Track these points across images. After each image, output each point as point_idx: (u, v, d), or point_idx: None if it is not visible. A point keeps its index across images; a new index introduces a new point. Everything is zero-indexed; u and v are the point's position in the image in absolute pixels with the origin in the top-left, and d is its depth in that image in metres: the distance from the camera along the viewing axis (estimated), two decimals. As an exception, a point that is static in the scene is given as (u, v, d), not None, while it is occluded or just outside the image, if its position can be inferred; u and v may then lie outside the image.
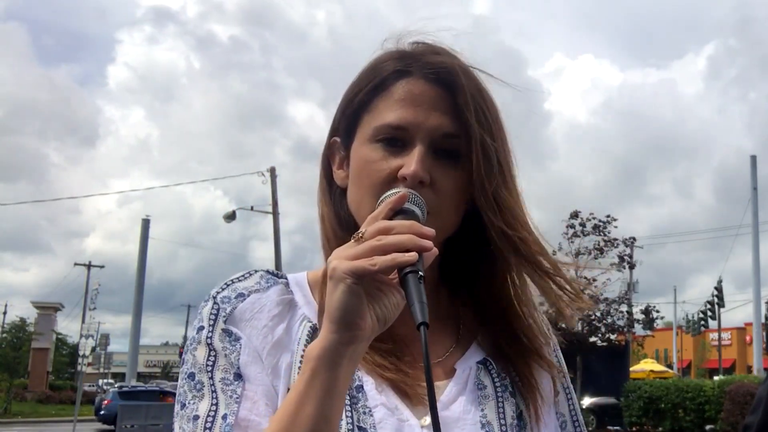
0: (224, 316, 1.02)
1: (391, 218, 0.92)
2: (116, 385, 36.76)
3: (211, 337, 1.01)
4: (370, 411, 0.97)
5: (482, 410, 1.03)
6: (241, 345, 1.01)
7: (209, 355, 1.00)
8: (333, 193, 1.12)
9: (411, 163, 0.99)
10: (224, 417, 0.96)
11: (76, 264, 57.01)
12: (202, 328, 1.02)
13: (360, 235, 0.88)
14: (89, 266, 56.42)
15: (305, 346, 1.01)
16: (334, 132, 1.12)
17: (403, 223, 0.88)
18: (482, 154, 1.02)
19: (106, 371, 51.16)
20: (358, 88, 1.07)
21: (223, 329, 1.01)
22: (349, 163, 1.08)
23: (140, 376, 56.85)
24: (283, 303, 1.06)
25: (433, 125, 1.01)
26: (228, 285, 1.06)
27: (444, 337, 1.10)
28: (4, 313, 58.63)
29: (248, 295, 1.04)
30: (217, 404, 0.97)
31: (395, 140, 1.02)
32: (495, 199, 1.02)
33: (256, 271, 1.08)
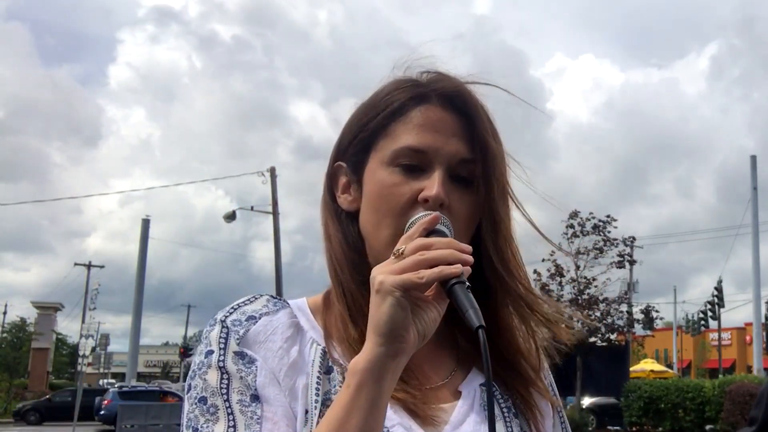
0: (237, 339, 1.01)
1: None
2: (116, 385, 36.78)
3: (223, 360, 1.00)
4: (388, 431, 0.98)
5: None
6: (257, 367, 1.00)
7: (222, 378, 0.99)
8: (339, 215, 1.13)
9: (433, 186, 1.02)
10: None
11: (76, 264, 57.10)
12: (211, 352, 1.01)
13: (399, 251, 0.91)
14: (89, 266, 56.46)
15: (319, 368, 1.02)
16: (339, 156, 1.13)
17: (442, 240, 0.92)
18: (496, 184, 1.06)
19: (106, 371, 51.19)
20: (374, 113, 1.09)
21: (235, 352, 1.00)
22: (360, 187, 1.09)
23: (140, 376, 56.86)
24: (293, 326, 1.06)
25: (452, 151, 1.04)
26: (235, 309, 1.05)
27: (446, 361, 1.12)
28: (4, 313, 58.66)
29: (259, 318, 1.04)
30: (234, 426, 0.96)
31: (413, 164, 1.04)
32: (497, 227, 1.06)
33: (261, 295, 1.08)
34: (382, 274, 0.88)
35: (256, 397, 0.98)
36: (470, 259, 0.90)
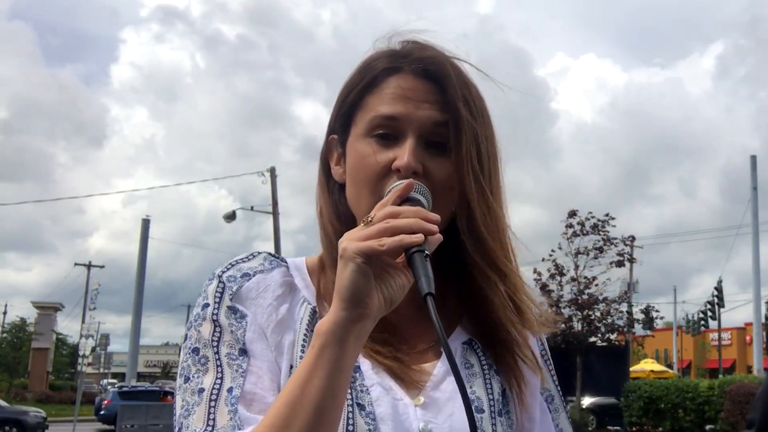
0: (230, 294, 1.05)
1: (398, 206, 0.95)
2: (116, 385, 36.77)
3: (216, 314, 1.04)
4: (367, 389, 1.02)
5: (471, 387, 1.08)
6: (247, 322, 1.04)
7: (214, 331, 1.03)
8: (331, 188, 1.16)
9: (404, 155, 1.03)
10: (230, 390, 0.99)
11: (76, 264, 57.12)
12: (207, 305, 1.05)
13: (369, 219, 0.93)
14: (89, 266, 56.49)
15: (307, 326, 1.06)
16: (331, 130, 1.17)
17: (410, 209, 0.93)
18: (472, 142, 1.06)
19: (106, 371, 51.16)
20: (351, 87, 1.12)
21: (228, 306, 1.04)
22: (346, 159, 1.12)
23: (140, 376, 56.87)
24: (286, 284, 1.09)
25: (423, 116, 1.06)
26: (233, 265, 1.09)
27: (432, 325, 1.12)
28: (5, 313, 58.74)
29: (253, 275, 1.08)
30: (222, 378, 1.00)
31: (387, 135, 1.06)
32: (480, 189, 1.06)
33: (259, 253, 1.12)
34: (347, 240, 0.90)
35: (243, 351, 1.02)
36: (434, 228, 0.91)
